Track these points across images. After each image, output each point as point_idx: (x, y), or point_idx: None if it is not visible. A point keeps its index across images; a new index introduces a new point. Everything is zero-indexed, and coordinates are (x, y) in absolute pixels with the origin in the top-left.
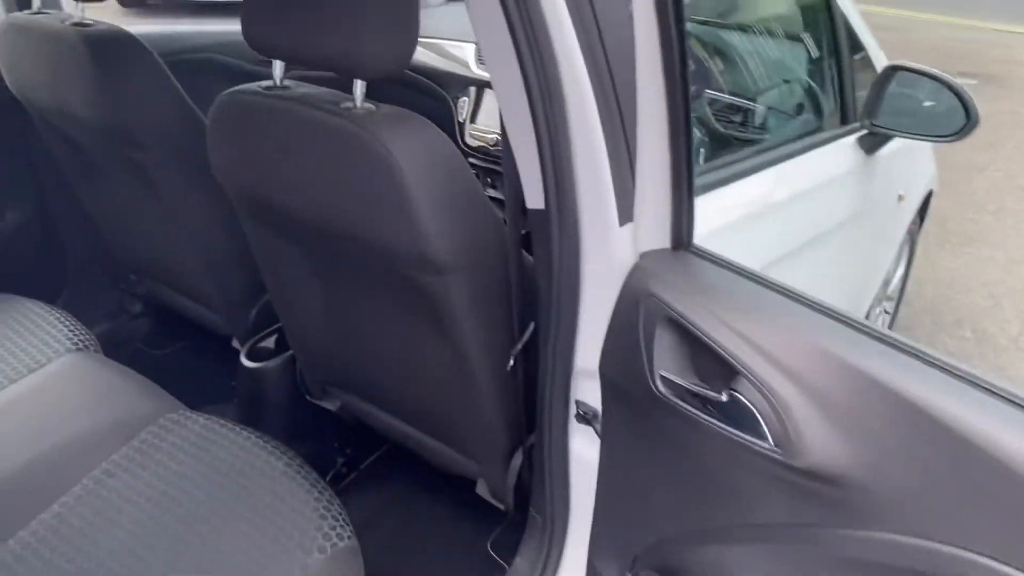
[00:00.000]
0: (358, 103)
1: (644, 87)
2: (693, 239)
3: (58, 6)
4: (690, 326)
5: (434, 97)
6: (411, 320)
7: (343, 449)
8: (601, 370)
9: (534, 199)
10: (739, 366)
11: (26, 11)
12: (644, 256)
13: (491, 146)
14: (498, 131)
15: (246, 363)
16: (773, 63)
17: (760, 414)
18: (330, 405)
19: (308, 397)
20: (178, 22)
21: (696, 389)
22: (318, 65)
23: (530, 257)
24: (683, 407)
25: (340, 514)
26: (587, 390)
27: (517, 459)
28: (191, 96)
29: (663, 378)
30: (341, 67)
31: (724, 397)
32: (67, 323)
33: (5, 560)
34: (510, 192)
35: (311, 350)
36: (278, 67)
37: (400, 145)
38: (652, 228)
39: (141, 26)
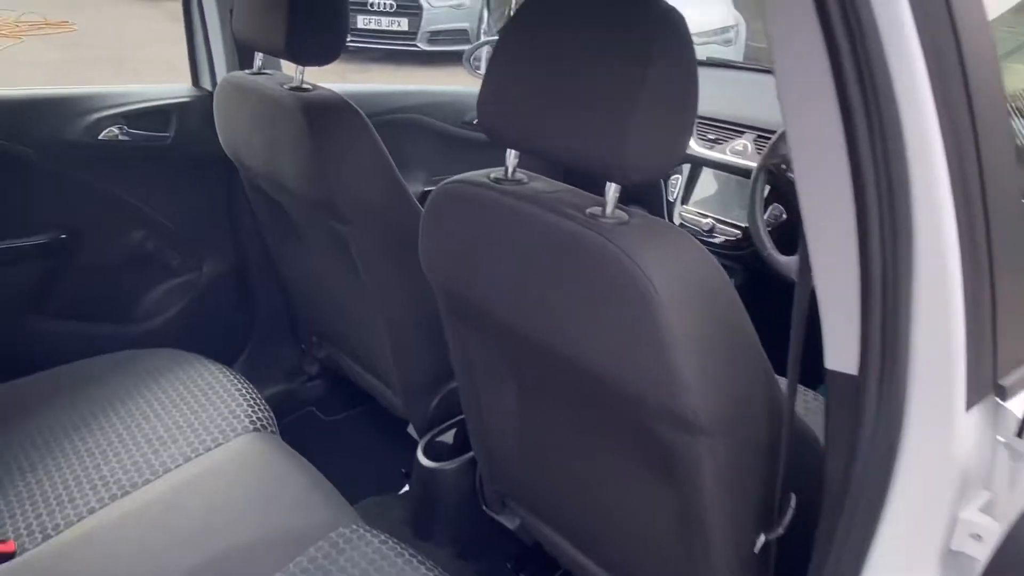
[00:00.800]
0: (609, 210)
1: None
2: None
3: (278, 67)
4: None
5: None
6: (634, 468)
7: (517, 573)
8: None
9: (840, 357)
10: None
11: (247, 70)
12: None
13: (704, 232)
14: (713, 216)
15: (423, 461)
16: None
17: None
18: (508, 522)
19: (484, 507)
20: (378, 71)
21: None
22: (567, 162)
23: (805, 423)
24: None
25: None
26: None
27: None
28: (396, 156)
29: None
30: (596, 168)
31: None
32: (248, 395)
33: None
34: (796, 336)
35: (496, 458)
36: (511, 157)
37: (659, 267)
38: None
39: (354, 83)
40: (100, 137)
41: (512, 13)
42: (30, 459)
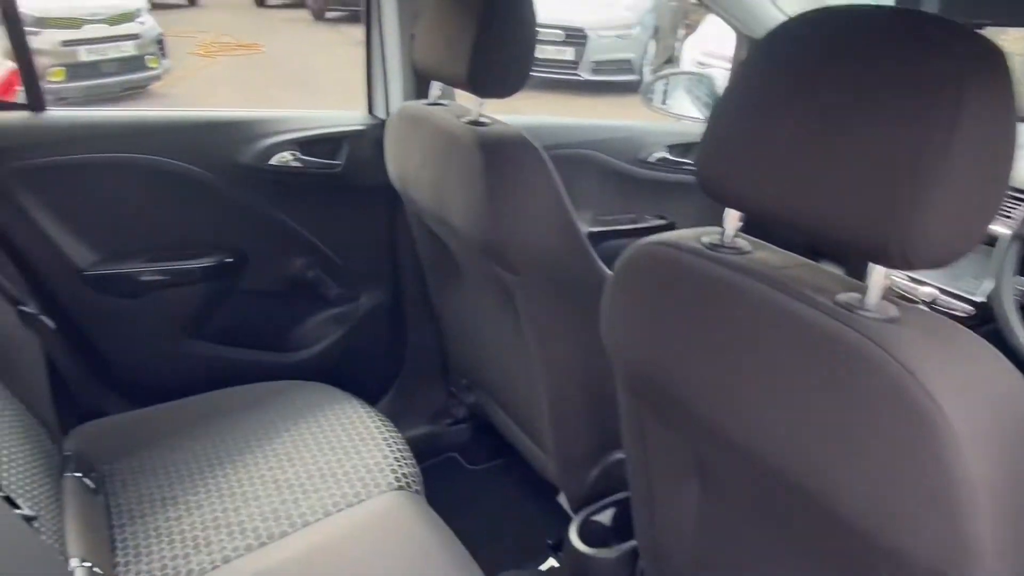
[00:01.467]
0: (872, 302)
1: None
2: None
3: (452, 97)
4: None
5: None
6: None
7: None
8: None
9: None
10: None
11: (423, 100)
12: None
13: (923, 304)
14: (936, 284)
15: (577, 544)
16: None
17: None
18: None
19: None
20: (537, 99)
21: None
22: (814, 236)
23: None
24: None
25: None
26: None
27: None
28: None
29: None
30: (860, 246)
31: None
32: (395, 448)
33: None
34: None
35: (663, 557)
36: (733, 219)
37: (952, 387)
38: None
39: (529, 113)
40: (272, 162)
41: (682, 44)
42: (173, 492)
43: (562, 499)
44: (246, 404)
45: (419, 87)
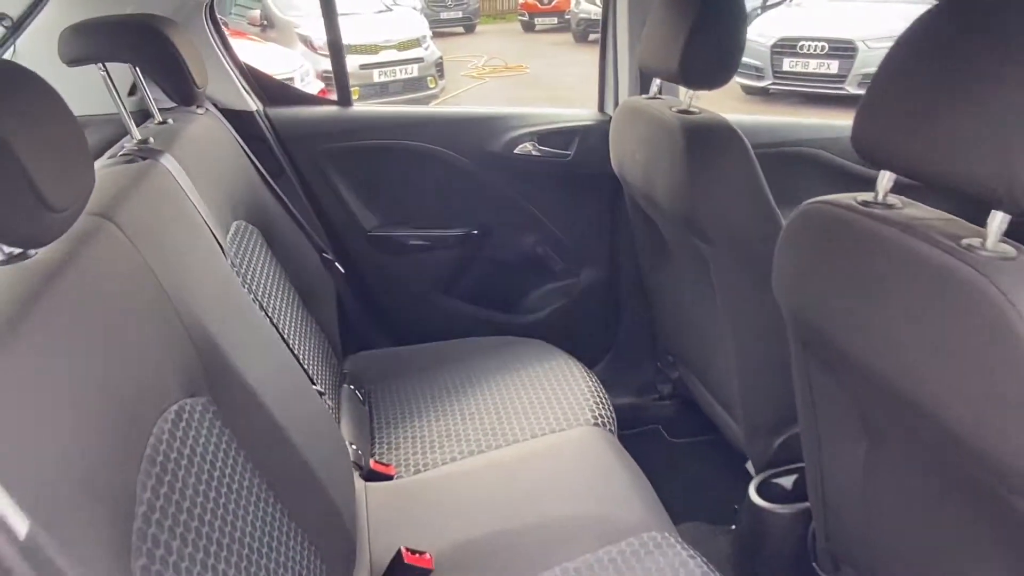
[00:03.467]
0: (990, 243)
1: None
2: None
3: (675, 93)
4: None
5: None
6: (988, 549)
7: None
8: None
9: None
10: None
11: (644, 95)
12: None
13: None
14: None
15: (754, 498)
16: None
17: None
18: None
19: (814, 564)
20: (794, 112)
21: None
22: (948, 185)
23: None
24: None
25: None
26: None
27: None
28: (783, 188)
29: None
30: (978, 190)
31: None
32: (596, 393)
33: None
34: None
35: (833, 514)
36: (885, 178)
37: None
38: None
39: (749, 114)
40: (515, 151)
41: None
42: (419, 408)
43: (749, 466)
44: (482, 351)
45: (644, 86)
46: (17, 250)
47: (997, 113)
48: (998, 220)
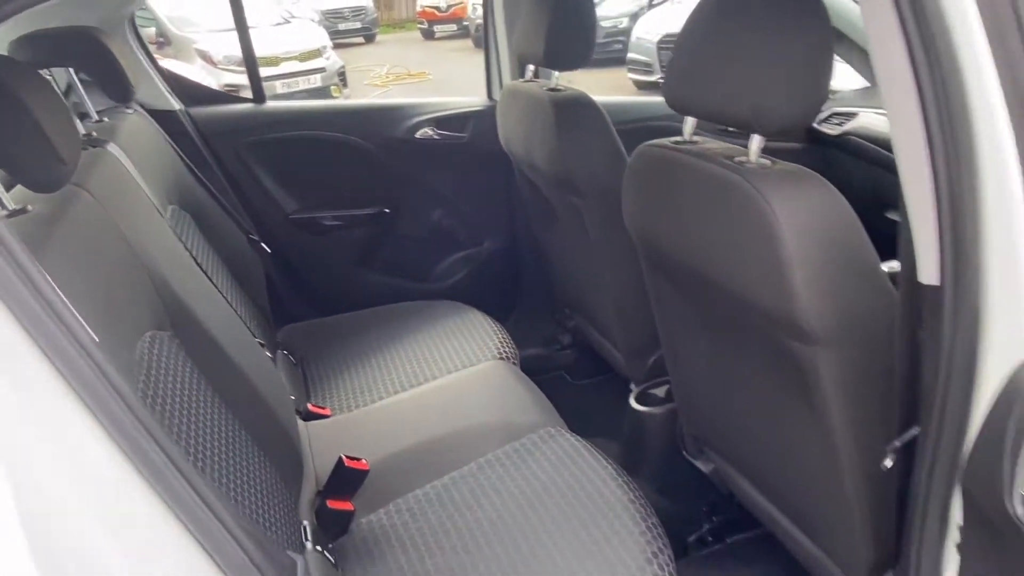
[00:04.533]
0: (752, 157)
1: None
2: None
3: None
4: None
5: (889, 169)
6: (781, 391)
7: (711, 515)
8: (963, 483)
9: (928, 272)
10: None
11: (521, 79)
12: None
13: None
14: None
15: (633, 404)
16: None
17: None
18: (703, 466)
19: (684, 452)
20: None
21: None
22: (724, 121)
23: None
24: None
25: (668, 566)
26: None
27: None
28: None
29: None
30: (742, 123)
31: None
32: (498, 335)
33: (400, 506)
34: (905, 263)
35: (691, 404)
36: (689, 123)
37: (784, 203)
38: None
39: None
40: (417, 136)
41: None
42: (346, 365)
43: (632, 386)
44: (401, 313)
45: (521, 71)
46: (18, 206)
47: (749, 69)
48: (756, 141)
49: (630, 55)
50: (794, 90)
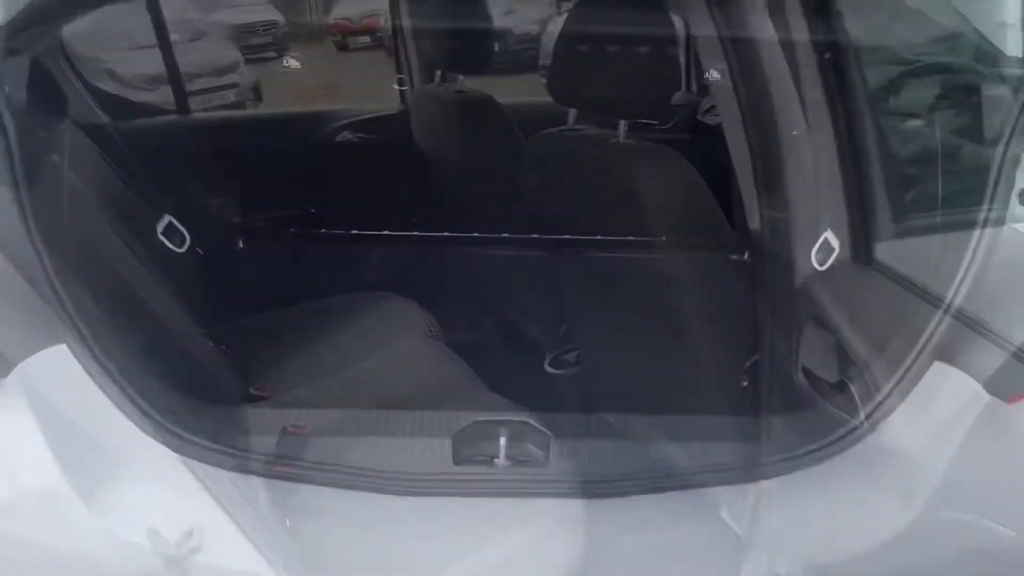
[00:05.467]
0: (621, 138)
1: None
2: None
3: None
4: None
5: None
6: (660, 331)
7: None
8: None
9: (752, 220)
10: None
11: (431, 83)
12: None
13: None
14: None
15: (547, 368)
16: None
17: None
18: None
19: None
20: None
21: None
22: (595, 110)
23: None
24: None
25: None
26: None
27: None
28: None
29: None
30: (609, 111)
31: None
32: (427, 320)
33: None
34: (738, 219)
35: (595, 361)
36: (571, 114)
37: (644, 171)
38: None
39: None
40: (337, 140)
41: None
42: (281, 354)
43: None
44: (333, 308)
45: (430, 77)
46: None
47: (616, 68)
48: (622, 124)
49: (541, 61)
50: (648, 83)
